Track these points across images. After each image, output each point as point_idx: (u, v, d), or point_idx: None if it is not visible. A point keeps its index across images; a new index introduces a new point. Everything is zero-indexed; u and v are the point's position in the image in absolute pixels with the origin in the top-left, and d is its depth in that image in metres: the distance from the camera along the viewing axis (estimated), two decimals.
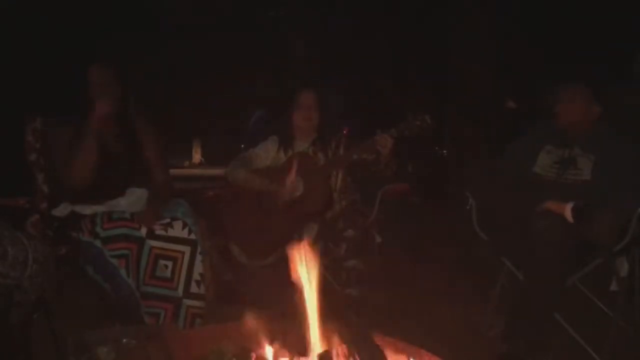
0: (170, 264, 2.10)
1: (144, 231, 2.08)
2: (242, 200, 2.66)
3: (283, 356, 1.39)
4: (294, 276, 1.42)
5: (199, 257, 2.12)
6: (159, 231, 2.12)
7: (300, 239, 2.58)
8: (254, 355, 1.40)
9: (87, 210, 2.13)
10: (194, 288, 2.11)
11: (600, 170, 2.33)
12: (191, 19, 7.16)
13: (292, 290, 1.46)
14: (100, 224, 2.04)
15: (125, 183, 2.24)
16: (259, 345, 1.41)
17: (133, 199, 2.23)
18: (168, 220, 2.15)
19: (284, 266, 2.64)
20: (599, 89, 2.52)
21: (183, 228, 2.14)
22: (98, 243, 2.02)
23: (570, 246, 2.13)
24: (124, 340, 1.46)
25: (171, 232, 2.14)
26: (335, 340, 1.41)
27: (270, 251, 2.61)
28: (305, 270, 1.40)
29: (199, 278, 2.12)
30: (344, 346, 1.39)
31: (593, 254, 2.23)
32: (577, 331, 2.27)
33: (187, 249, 2.12)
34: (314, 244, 2.56)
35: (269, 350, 1.40)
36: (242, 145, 4.62)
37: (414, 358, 1.46)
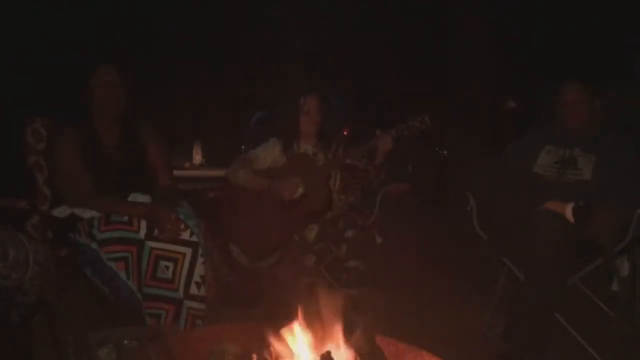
0: (171, 265, 2.09)
1: (142, 233, 2.08)
2: (243, 201, 2.66)
3: (284, 357, 1.39)
4: None
5: (200, 259, 2.11)
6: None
7: (300, 239, 2.60)
8: (254, 357, 1.40)
9: (86, 213, 2.12)
10: (193, 290, 2.10)
11: (600, 171, 2.33)
12: (191, 19, 7.17)
13: (292, 291, 1.46)
14: (97, 226, 2.03)
15: (128, 188, 2.23)
16: (260, 346, 1.41)
17: None
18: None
19: (283, 267, 2.66)
20: (599, 88, 2.53)
21: (184, 230, 2.13)
22: (94, 245, 2.01)
23: (570, 246, 2.12)
24: (125, 341, 1.46)
25: None
26: (337, 341, 1.41)
27: (271, 252, 2.61)
28: None
29: (199, 280, 2.11)
30: (345, 347, 1.40)
31: (594, 254, 2.23)
32: (578, 331, 2.27)
33: (188, 251, 2.11)
34: (314, 244, 2.59)
35: (269, 352, 1.40)
36: (243, 147, 4.63)
37: (414, 358, 1.47)
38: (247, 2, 7.43)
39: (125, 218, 2.08)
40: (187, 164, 4.65)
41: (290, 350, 1.39)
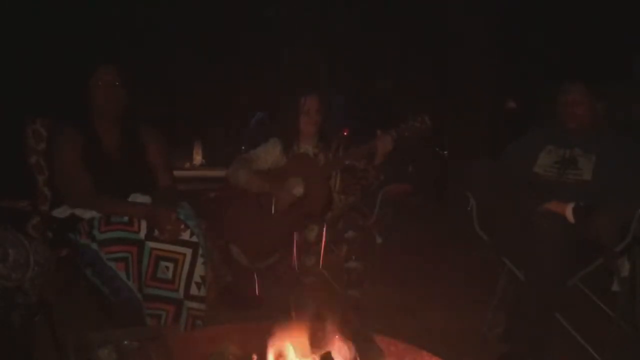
0: (171, 265, 2.09)
1: (143, 233, 2.07)
2: (243, 202, 2.66)
3: (284, 357, 1.39)
4: None
5: (200, 260, 2.11)
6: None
7: (300, 240, 2.60)
8: (254, 357, 1.40)
9: (87, 214, 2.12)
10: (193, 290, 2.10)
11: (600, 171, 2.34)
12: (191, 19, 7.17)
13: (292, 291, 1.46)
14: (97, 226, 2.03)
15: (128, 188, 2.22)
16: (260, 347, 1.41)
17: None
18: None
19: (283, 267, 2.66)
20: (599, 88, 2.53)
21: (185, 230, 2.13)
22: (94, 246, 2.00)
23: (571, 246, 2.13)
24: (126, 341, 1.46)
25: None
26: (337, 341, 1.41)
27: (271, 252, 2.61)
28: None
29: (199, 280, 2.11)
30: (345, 347, 1.40)
31: (594, 254, 2.23)
32: (578, 331, 2.27)
33: (188, 251, 2.11)
34: (314, 245, 2.59)
35: (269, 352, 1.40)
36: (243, 147, 4.63)
37: (415, 359, 1.46)
38: (247, 2, 7.43)
39: (126, 218, 2.07)
40: (187, 164, 4.66)
41: (291, 350, 1.39)
